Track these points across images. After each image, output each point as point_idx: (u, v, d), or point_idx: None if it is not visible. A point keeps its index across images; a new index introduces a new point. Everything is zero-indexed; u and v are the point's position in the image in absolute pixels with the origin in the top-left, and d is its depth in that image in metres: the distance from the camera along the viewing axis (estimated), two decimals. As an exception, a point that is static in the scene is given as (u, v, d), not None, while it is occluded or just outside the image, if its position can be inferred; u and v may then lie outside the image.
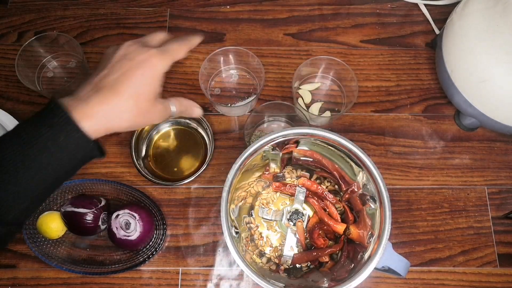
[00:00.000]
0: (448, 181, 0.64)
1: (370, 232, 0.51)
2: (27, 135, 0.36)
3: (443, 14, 0.72)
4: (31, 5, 0.72)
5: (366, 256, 0.48)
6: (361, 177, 0.52)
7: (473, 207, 0.62)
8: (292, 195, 0.58)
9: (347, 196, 0.56)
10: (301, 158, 0.58)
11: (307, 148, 0.55)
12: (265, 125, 0.66)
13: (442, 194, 0.63)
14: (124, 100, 0.38)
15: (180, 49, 0.42)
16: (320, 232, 0.56)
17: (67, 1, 0.72)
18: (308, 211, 0.56)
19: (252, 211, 0.59)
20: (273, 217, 0.58)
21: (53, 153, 0.36)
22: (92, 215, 0.56)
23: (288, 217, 0.56)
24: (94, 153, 0.39)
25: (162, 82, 0.41)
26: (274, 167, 0.59)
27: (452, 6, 0.65)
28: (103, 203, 0.58)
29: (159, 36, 0.44)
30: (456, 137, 0.66)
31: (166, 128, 0.65)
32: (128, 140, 0.63)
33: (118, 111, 0.38)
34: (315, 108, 0.66)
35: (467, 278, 0.59)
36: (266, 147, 0.51)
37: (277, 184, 0.59)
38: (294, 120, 0.64)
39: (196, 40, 0.44)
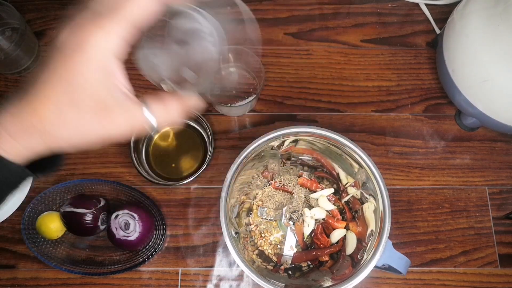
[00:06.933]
0: (449, 181, 0.63)
1: (369, 230, 0.50)
2: None
3: (443, 14, 0.72)
4: (30, 5, 0.72)
5: (366, 254, 0.48)
6: (360, 175, 0.52)
7: (474, 207, 0.62)
8: (291, 193, 0.58)
9: (345, 195, 0.56)
10: (300, 157, 0.58)
11: (305, 147, 0.55)
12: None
13: (442, 194, 0.63)
14: (56, 109, 0.27)
15: (139, 5, 0.26)
16: (323, 228, 0.56)
17: (66, 1, 0.72)
18: (307, 211, 0.56)
19: (252, 211, 0.59)
20: (272, 217, 0.58)
21: None
22: (92, 216, 0.56)
23: (287, 216, 0.56)
24: (27, 174, 0.30)
25: (113, 74, 0.27)
26: (273, 166, 0.59)
27: (453, 5, 0.65)
28: (102, 203, 0.58)
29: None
30: (457, 137, 0.66)
31: (165, 128, 0.65)
32: (127, 140, 0.63)
33: (52, 124, 0.27)
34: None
35: (468, 279, 0.59)
36: (265, 146, 0.51)
37: (277, 182, 0.59)
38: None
39: None
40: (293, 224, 0.56)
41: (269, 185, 0.59)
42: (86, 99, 0.27)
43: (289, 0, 0.73)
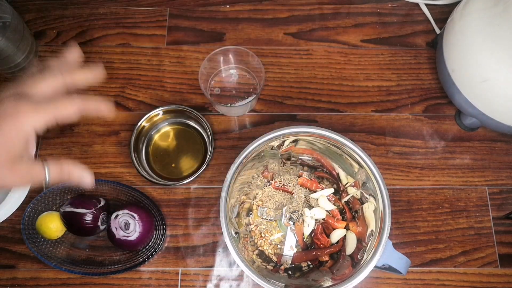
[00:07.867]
0: (449, 181, 0.63)
1: (369, 230, 0.50)
2: None
3: (443, 14, 0.72)
4: (30, 5, 0.72)
5: (366, 254, 0.48)
6: (360, 175, 0.52)
7: (474, 207, 0.62)
8: (291, 193, 0.58)
9: (345, 195, 0.56)
10: (300, 157, 0.58)
11: (305, 147, 0.55)
12: None
13: (442, 194, 0.63)
14: None
15: (65, 108, 0.36)
16: (323, 228, 0.56)
17: (67, 1, 0.72)
18: (307, 211, 0.56)
19: (252, 211, 0.59)
20: (272, 217, 0.58)
21: None
22: (92, 216, 0.56)
23: (287, 216, 0.56)
24: None
25: (29, 141, 0.36)
26: (273, 166, 0.59)
27: (453, 5, 0.65)
28: (102, 203, 0.58)
29: (52, 83, 0.37)
30: (457, 137, 0.66)
31: (165, 128, 0.65)
32: (127, 140, 0.63)
33: None
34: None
35: (468, 279, 0.59)
36: (265, 146, 0.51)
37: (277, 182, 0.59)
38: None
39: (95, 105, 0.38)
40: (293, 224, 0.56)
41: (269, 185, 0.59)
42: (4, 155, 0.35)
43: (289, 0, 0.73)
